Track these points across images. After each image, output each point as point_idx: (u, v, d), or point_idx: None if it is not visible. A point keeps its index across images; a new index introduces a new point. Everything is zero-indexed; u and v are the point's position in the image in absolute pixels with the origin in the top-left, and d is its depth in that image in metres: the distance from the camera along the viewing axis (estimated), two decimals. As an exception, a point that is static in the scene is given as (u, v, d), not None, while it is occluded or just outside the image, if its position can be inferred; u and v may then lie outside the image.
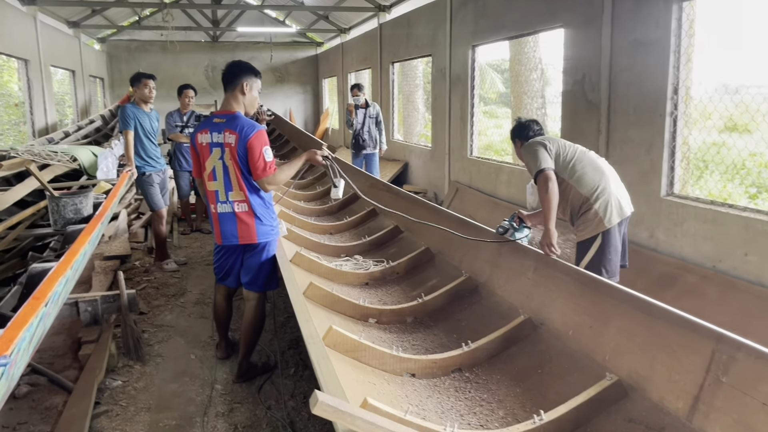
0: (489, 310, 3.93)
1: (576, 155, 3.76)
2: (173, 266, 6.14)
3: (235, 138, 3.36)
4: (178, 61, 17.74)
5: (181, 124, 7.41)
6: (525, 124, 3.97)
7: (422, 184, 9.63)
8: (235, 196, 3.47)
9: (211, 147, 3.44)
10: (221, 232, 3.59)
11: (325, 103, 18.70)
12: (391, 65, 11.20)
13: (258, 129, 3.39)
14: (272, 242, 3.69)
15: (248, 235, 3.55)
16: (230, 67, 3.54)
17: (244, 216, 3.51)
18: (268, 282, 3.78)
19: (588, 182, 3.69)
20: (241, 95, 3.51)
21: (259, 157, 3.36)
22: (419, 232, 5.45)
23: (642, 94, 4.57)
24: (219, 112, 3.53)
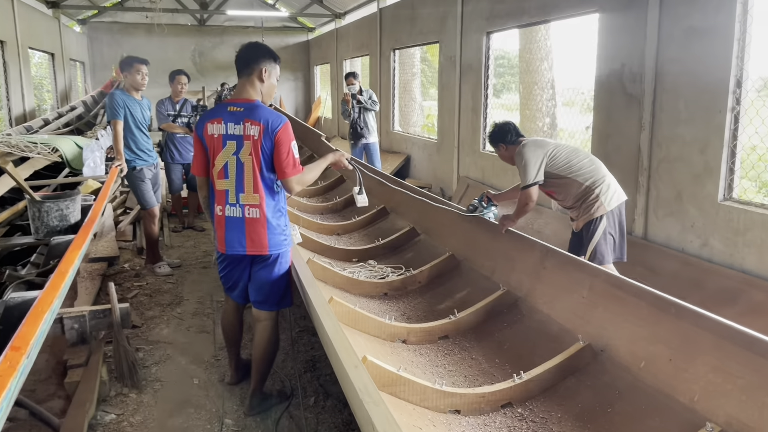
0: (534, 332, 3.48)
1: (570, 153, 3.92)
2: (167, 270, 5.62)
3: (259, 130, 2.89)
4: (163, 45, 17.01)
5: (173, 113, 6.86)
6: (505, 127, 4.07)
7: (426, 178, 9.16)
8: (246, 199, 2.98)
9: (225, 139, 2.95)
10: (226, 238, 3.07)
11: (317, 92, 18.11)
12: (392, 52, 10.67)
13: (285, 121, 2.95)
14: (285, 253, 3.18)
15: (258, 245, 3.04)
16: (247, 50, 3.06)
17: (254, 223, 3.01)
18: (282, 299, 3.26)
19: (586, 173, 3.85)
20: (260, 82, 3.03)
21: (288, 153, 2.93)
22: (439, 235, 4.99)
23: (696, 87, 4.12)
24: (234, 100, 3.03)
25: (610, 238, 3.84)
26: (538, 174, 3.86)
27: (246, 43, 3.11)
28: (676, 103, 4.30)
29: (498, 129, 4.11)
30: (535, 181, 3.87)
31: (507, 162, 4.22)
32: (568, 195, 3.95)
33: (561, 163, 3.88)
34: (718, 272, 3.98)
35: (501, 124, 4.11)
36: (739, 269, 3.87)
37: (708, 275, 4.01)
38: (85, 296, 4.73)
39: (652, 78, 4.45)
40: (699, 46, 4.09)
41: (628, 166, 4.80)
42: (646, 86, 4.53)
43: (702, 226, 4.12)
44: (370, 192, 6.61)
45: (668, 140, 4.40)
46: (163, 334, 4.29)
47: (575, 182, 3.87)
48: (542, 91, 9.21)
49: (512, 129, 4.07)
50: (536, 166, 3.85)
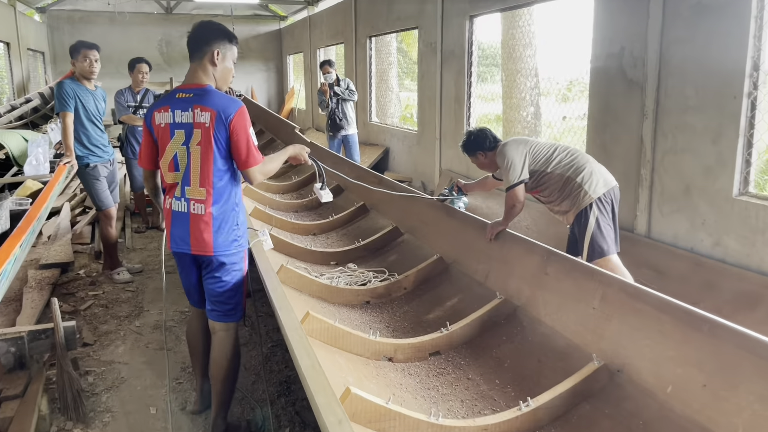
0: (538, 347, 3.09)
1: (548, 147, 3.78)
2: (126, 276, 5.12)
3: (210, 116, 2.59)
4: (127, 35, 16.26)
5: (134, 104, 6.33)
6: (481, 134, 3.91)
7: (407, 172, 8.73)
8: (192, 192, 2.67)
9: (173, 128, 2.66)
10: (171, 234, 2.76)
11: (290, 82, 17.53)
12: (368, 40, 10.18)
13: (240, 106, 2.65)
14: (235, 256, 2.79)
15: (202, 244, 2.69)
16: (197, 31, 2.75)
17: (198, 220, 2.67)
18: (233, 309, 2.85)
19: (565, 163, 3.68)
20: (211, 66, 2.72)
21: (248, 140, 2.63)
22: (425, 236, 4.57)
23: (707, 70, 3.75)
24: (183, 86, 2.75)
25: (606, 227, 3.60)
26: (522, 172, 3.66)
27: (197, 23, 2.78)
28: (684, 89, 3.93)
29: (474, 137, 3.92)
30: (521, 180, 3.66)
31: (486, 170, 4.09)
32: (552, 190, 3.76)
33: (540, 158, 3.72)
34: (733, 274, 3.63)
35: (477, 131, 3.94)
36: (757, 271, 3.53)
37: (722, 277, 3.66)
38: (30, 310, 4.23)
39: (656, 61, 4.07)
40: (710, 25, 3.72)
41: (628, 157, 4.43)
42: (648, 71, 4.15)
43: (714, 223, 3.76)
44: (348, 188, 6.24)
45: (675, 129, 4.03)
46: (119, 353, 3.81)
47: (555, 175, 3.70)
48: (526, 79, 8.84)
49: (489, 134, 3.90)
50: (520, 163, 3.67)
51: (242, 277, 2.85)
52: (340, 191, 6.26)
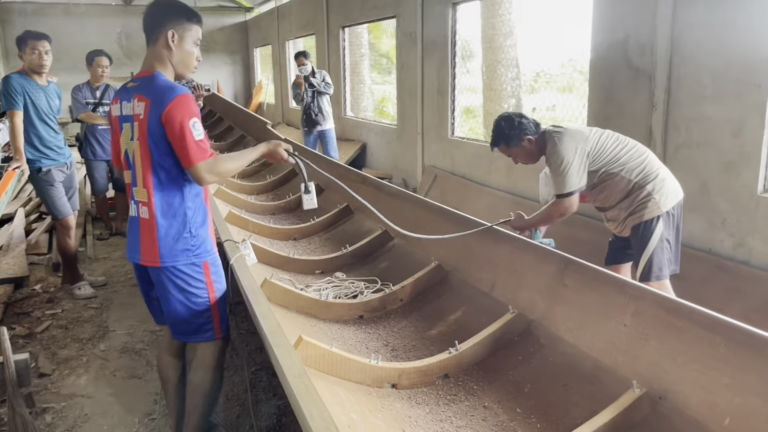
0: (561, 369, 2.75)
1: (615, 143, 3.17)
2: (88, 291, 4.64)
3: (144, 106, 2.27)
4: (84, 28, 15.48)
5: (93, 101, 5.82)
6: (519, 118, 3.26)
7: (386, 168, 8.36)
8: (138, 194, 2.38)
9: (121, 122, 2.42)
10: (128, 242, 2.49)
11: (258, 75, 16.96)
12: (341, 30, 9.75)
13: (179, 92, 2.27)
14: (190, 269, 2.41)
15: (150, 254, 2.36)
16: (150, 10, 2.44)
17: (145, 225, 2.37)
18: (200, 329, 2.47)
19: (635, 165, 3.12)
20: (166, 50, 2.38)
21: (184, 132, 2.21)
22: (419, 240, 4.19)
23: (726, 57, 3.46)
24: (136, 75, 2.47)
25: (666, 245, 3.10)
26: (581, 179, 3.09)
27: (151, 2, 2.45)
28: (699, 78, 3.64)
29: (506, 125, 3.27)
30: (579, 188, 3.10)
31: (524, 161, 3.39)
32: (610, 194, 3.20)
33: (604, 157, 3.12)
34: (760, 277, 3.37)
35: (512, 116, 3.29)
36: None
37: (748, 281, 3.39)
38: (-22, 336, 3.73)
39: (667, 48, 3.78)
40: (728, 7, 3.44)
41: (635, 152, 4.13)
42: (658, 58, 3.85)
43: (736, 222, 3.49)
44: (330, 188, 5.83)
45: (689, 121, 3.75)
46: (81, 384, 3.37)
47: (620, 178, 3.12)
48: (506, 70, 8.56)
49: (527, 119, 3.28)
50: (579, 167, 3.07)
51: (204, 292, 2.45)
52: (319, 191, 5.86)
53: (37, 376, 3.38)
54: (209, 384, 2.51)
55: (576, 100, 6.14)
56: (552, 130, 3.19)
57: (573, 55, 8.79)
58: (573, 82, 9.02)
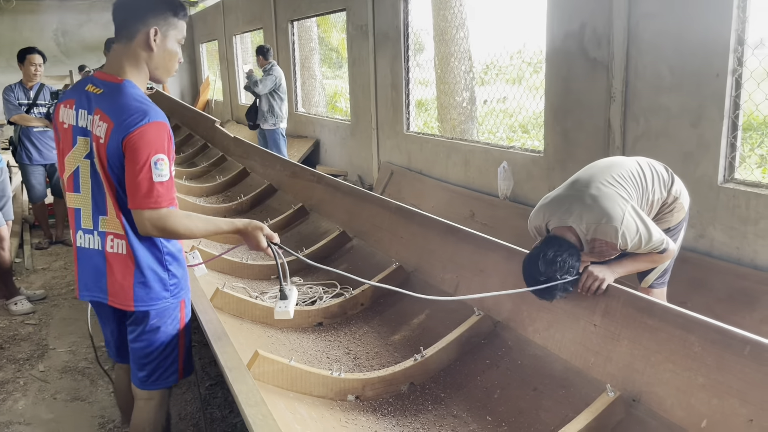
0: (531, 372, 2.66)
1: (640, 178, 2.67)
2: (26, 306, 4.33)
3: (106, 129, 1.85)
4: (17, 25, 14.70)
5: (27, 102, 5.47)
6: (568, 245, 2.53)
7: (340, 165, 8.17)
8: (108, 224, 1.97)
9: (75, 134, 1.96)
10: (80, 278, 2.08)
11: (205, 72, 16.48)
12: (290, 24, 9.49)
13: (151, 119, 1.83)
14: (168, 310, 2.09)
15: (121, 295, 2.00)
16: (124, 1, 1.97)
17: (118, 262, 1.98)
18: (164, 375, 2.17)
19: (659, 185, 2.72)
20: (145, 51, 1.95)
21: (142, 169, 1.80)
22: (378, 240, 4.07)
23: (684, 47, 3.42)
24: (99, 74, 1.99)
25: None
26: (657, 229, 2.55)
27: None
28: (657, 68, 3.60)
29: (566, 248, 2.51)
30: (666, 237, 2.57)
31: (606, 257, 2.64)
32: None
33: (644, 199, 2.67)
34: (723, 269, 3.35)
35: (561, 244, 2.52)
36: (749, 265, 3.26)
37: (710, 273, 3.37)
38: None
39: (623, 39, 3.73)
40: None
41: (594, 145, 4.09)
42: (615, 49, 3.80)
43: (697, 214, 3.47)
44: (282, 188, 5.63)
45: (648, 112, 3.71)
46: (18, 410, 3.10)
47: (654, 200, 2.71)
48: (459, 62, 8.48)
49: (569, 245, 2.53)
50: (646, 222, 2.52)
51: (176, 333, 2.15)
52: (273, 191, 5.66)
53: (-33, 404, 3.10)
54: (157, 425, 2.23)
55: (525, 92, 6.09)
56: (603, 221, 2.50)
57: (521, 47, 8.77)
58: (522, 73, 9.03)
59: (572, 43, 4.14)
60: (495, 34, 8.80)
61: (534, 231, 2.84)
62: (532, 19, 5.63)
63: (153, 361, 2.12)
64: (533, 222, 2.81)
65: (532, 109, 5.86)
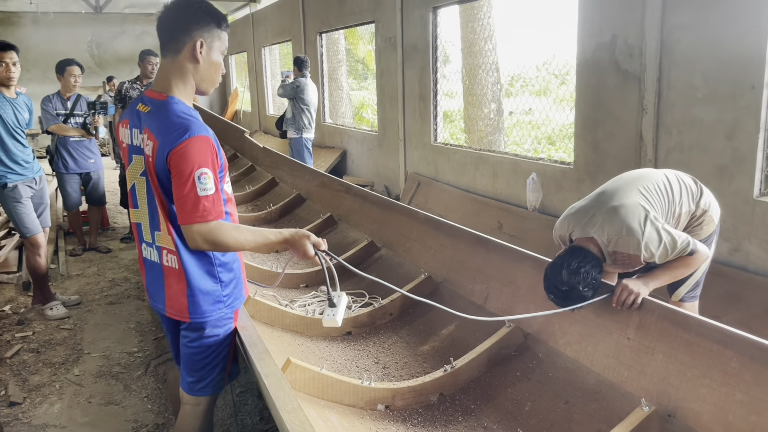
0: (563, 385, 2.64)
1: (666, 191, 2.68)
2: (61, 311, 4.43)
3: (153, 147, 1.89)
4: (54, 37, 15.12)
5: (64, 112, 5.61)
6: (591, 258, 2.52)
7: (367, 175, 8.23)
8: (162, 239, 2.01)
9: (130, 152, 2.03)
10: (147, 287, 2.18)
11: (234, 83, 16.73)
12: (318, 36, 9.61)
13: (194, 133, 1.84)
14: (221, 321, 2.12)
15: (177, 307, 2.06)
16: (171, 12, 1.98)
17: (172, 275, 2.03)
18: (212, 383, 2.20)
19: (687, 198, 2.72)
20: (192, 63, 1.96)
21: (186, 184, 1.81)
22: (406, 250, 4.08)
23: (719, 58, 3.40)
24: (149, 93, 2.01)
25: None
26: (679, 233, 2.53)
27: (171, 2, 2.00)
28: (691, 80, 3.58)
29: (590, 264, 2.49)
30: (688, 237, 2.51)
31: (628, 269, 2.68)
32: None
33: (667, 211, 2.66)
34: (759, 283, 3.30)
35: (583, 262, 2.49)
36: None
37: (746, 287, 3.32)
38: (-58, 365, 3.51)
39: (656, 50, 3.71)
40: (720, 6, 3.38)
41: (625, 157, 4.06)
42: (647, 61, 3.78)
43: (732, 227, 3.42)
44: (311, 198, 5.68)
45: (681, 125, 3.68)
46: (54, 413, 3.17)
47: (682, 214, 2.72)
48: (487, 74, 8.50)
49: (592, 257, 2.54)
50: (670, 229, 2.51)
51: (228, 342, 2.18)
52: (301, 201, 5.71)
53: (6, 405, 3.19)
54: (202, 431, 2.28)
55: (551, 104, 6.09)
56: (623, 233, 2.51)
57: (548, 58, 8.76)
58: (548, 85, 9.02)
59: (603, 54, 4.13)
60: (522, 46, 8.80)
61: (558, 240, 2.86)
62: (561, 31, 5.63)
63: (203, 368, 2.15)
64: (558, 231, 2.83)
65: (559, 121, 5.84)
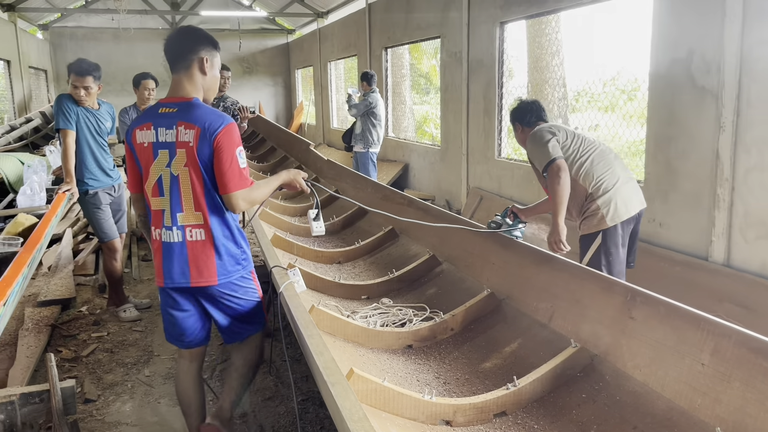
0: (630, 408, 2.56)
1: (582, 146, 3.44)
2: (133, 314, 4.62)
3: (194, 134, 2.36)
4: (132, 51, 15.91)
5: (139, 123, 5.85)
6: (527, 106, 3.67)
7: (429, 189, 8.23)
8: (187, 218, 2.44)
9: (156, 148, 2.43)
10: (164, 268, 2.49)
11: (299, 97, 17.12)
12: (384, 51, 9.73)
13: (228, 122, 2.41)
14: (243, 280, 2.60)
15: (206, 274, 2.46)
16: (179, 38, 2.54)
17: (199, 247, 2.44)
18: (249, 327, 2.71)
19: (592, 176, 3.39)
20: (200, 75, 2.49)
21: (232, 161, 2.38)
22: (468, 266, 4.06)
23: (803, 75, 3.25)
24: (167, 99, 2.50)
25: (609, 259, 3.40)
26: (557, 149, 3.33)
27: (176, 29, 2.64)
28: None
29: (519, 106, 3.71)
30: (557, 155, 3.30)
31: (521, 145, 3.79)
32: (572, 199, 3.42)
33: (570, 153, 3.39)
34: None
35: (525, 102, 3.72)
36: None
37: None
38: (25, 360, 3.72)
39: (736, 66, 3.58)
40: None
41: (700, 176, 3.92)
42: (726, 77, 3.65)
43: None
44: (372, 207, 5.71)
45: (761, 144, 3.53)
46: (126, 412, 3.30)
47: (579, 186, 3.40)
48: (553, 90, 8.39)
49: (534, 109, 3.65)
50: (552, 141, 3.36)
51: (258, 299, 2.68)
52: (363, 213, 5.76)
53: (82, 402, 3.34)
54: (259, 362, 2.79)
55: (618, 120, 5.94)
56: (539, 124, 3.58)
57: (615, 74, 8.57)
58: (615, 101, 8.82)
59: (678, 70, 4.01)
60: (588, 61, 8.64)
61: None
62: (631, 46, 5.50)
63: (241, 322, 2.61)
64: None
65: (626, 138, 5.69)
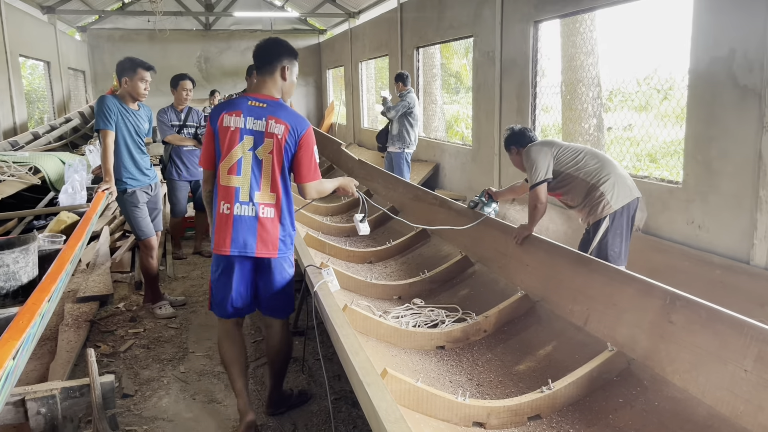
0: (670, 414, 2.51)
1: (575, 150, 3.88)
2: (169, 310, 4.69)
3: (284, 129, 2.81)
4: (167, 52, 16.17)
5: (177, 123, 5.95)
6: (519, 132, 4.07)
7: (460, 189, 8.19)
8: (262, 197, 2.86)
9: (242, 133, 2.82)
10: (232, 237, 2.84)
11: (330, 97, 17.20)
12: (415, 51, 9.71)
13: (309, 125, 2.91)
14: (289, 257, 3.04)
15: (271, 246, 2.89)
16: (268, 46, 2.93)
17: (268, 223, 2.87)
18: (289, 306, 3.12)
19: (591, 169, 3.78)
20: (282, 80, 2.92)
21: (312, 157, 2.89)
22: (501, 267, 4.03)
23: None
24: (255, 95, 2.90)
25: (617, 240, 3.73)
26: (547, 172, 3.76)
27: (266, 39, 3.00)
28: (819, 96, 3.33)
29: (513, 133, 4.08)
30: (545, 179, 3.75)
31: (518, 167, 4.12)
32: (575, 195, 3.86)
33: (566, 161, 3.81)
34: None
35: (518, 129, 4.11)
36: None
37: None
38: (66, 354, 3.81)
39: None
40: None
41: (741, 176, 3.82)
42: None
43: None
44: (405, 211, 5.73)
45: (806, 144, 3.42)
46: (162, 407, 3.36)
47: (579, 180, 3.79)
48: (587, 89, 8.27)
49: (527, 134, 4.06)
50: (544, 163, 3.77)
51: (291, 281, 3.04)
52: (395, 213, 5.76)
53: (120, 397, 3.40)
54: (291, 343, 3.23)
55: (652, 119, 5.82)
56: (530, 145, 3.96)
57: (650, 72, 8.40)
58: (650, 100, 8.67)
59: (719, 68, 3.92)
60: (622, 60, 8.49)
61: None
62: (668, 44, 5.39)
63: (286, 294, 3.01)
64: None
65: (661, 138, 5.58)
